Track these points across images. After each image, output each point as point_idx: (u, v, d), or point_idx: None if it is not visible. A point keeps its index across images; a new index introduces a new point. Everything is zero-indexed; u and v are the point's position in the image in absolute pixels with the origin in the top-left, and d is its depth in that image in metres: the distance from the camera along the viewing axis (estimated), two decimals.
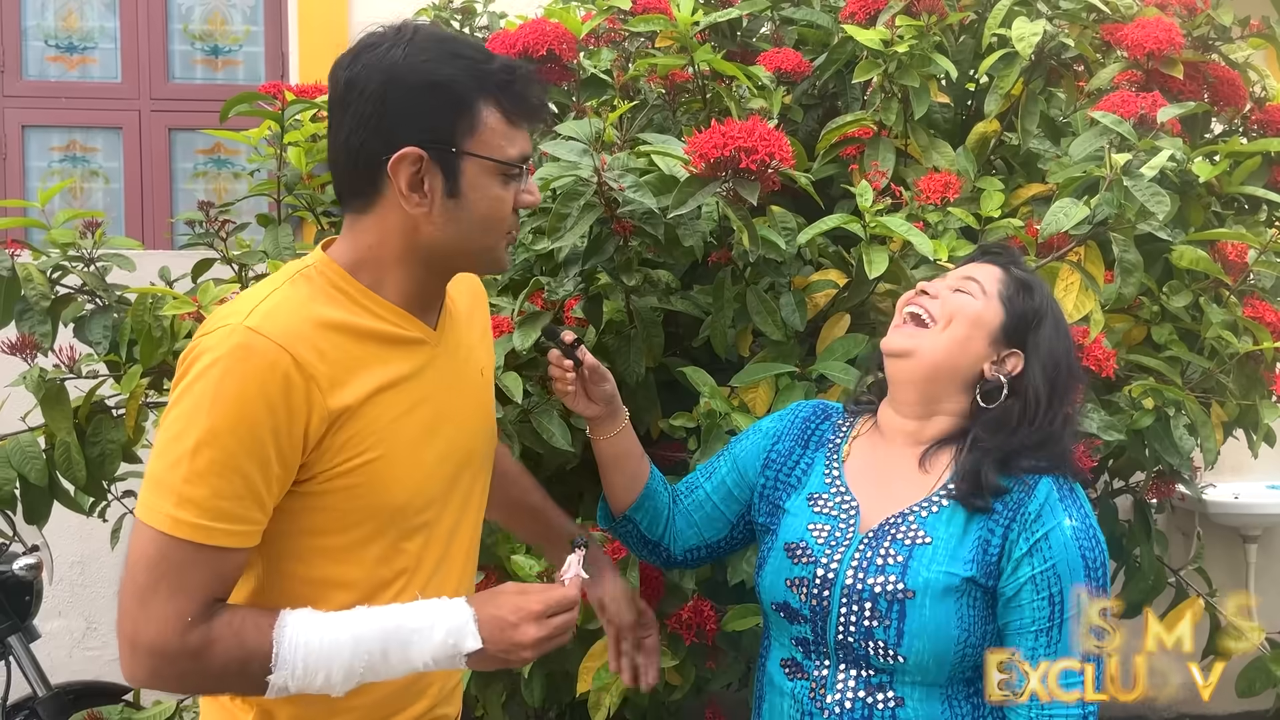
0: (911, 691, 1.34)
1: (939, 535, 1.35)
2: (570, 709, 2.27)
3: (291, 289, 1.21)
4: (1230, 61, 2.27)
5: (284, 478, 1.17)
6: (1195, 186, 2.07)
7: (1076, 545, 1.33)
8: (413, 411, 1.25)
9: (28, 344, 2.05)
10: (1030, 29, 2.04)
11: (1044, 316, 1.41)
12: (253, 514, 1.15)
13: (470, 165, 1.20)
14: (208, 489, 1.12)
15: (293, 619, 1.17)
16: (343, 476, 1.19)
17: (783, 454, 1.53)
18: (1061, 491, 1.35)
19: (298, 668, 1.15)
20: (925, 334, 1.40)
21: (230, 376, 1.12)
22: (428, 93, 1.18)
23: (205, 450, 1.11)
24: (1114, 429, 1.83)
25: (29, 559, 2.67)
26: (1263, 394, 2.08)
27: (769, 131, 1.69)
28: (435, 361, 1.30)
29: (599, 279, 2.00)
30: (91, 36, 3.87)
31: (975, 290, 1.40)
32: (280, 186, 2.34)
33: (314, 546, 1.22)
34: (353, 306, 1.23)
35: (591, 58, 2.25)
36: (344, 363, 1.19)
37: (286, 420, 1.13)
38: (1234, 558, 3.83)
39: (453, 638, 1.20)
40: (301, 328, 1.17)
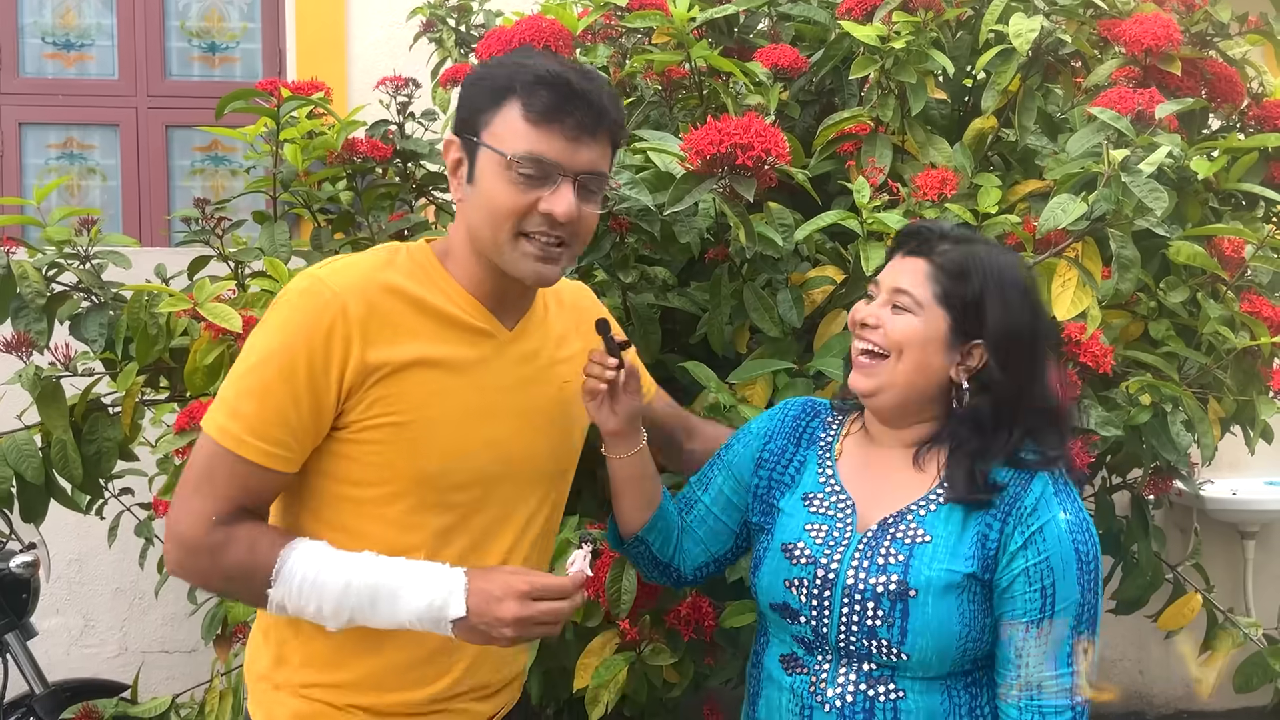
0: (912, 685, 1.35)
1: (938, 533, 1.35)
2: (568, 705, 2.27)
3: (374, 256, 1.33)
4: (1228, 58, 2.27)
5: (318, 416, 1.26)
6: (1193, 182, 2.07)
7: (1070, 539, 1.33)
8: (457, 394, 1.31)
9: (23, 341, 2.04)
10: (1028, 25, 2.04)
11: (984, 296, 1.35)
12: (286, 440, 1.26)
13: (483, 155, 1.27)
14: (253, 407, 1.25)
15: (301, 545, 1.27)
16: (370, 430, 1.28)
17: (775, 452, 1.52)
18: (1057, 486, 1.36)
19: (292, 590, 1.25)
20: (883, 368, 1.37)
21: (286, 315, 1.27)
22: (472, 87, 1.30)
23: (255, 373, 1.26)
24: (1111, 425, 1.83)
25: (26, 556, 2.67)
26: (1260, 390, 2.08)
27: (765, 128, 1.69)
28: (501, 358, 1.35)
29: (595, 276, 2.00)
30: (88, 34, 3.86)
31: (911, 304, 1.36)
32: (276, 183, 2.33)
33: (338, 494, 1.31)
34: (426, 283, 1.32)
35: (588, 54, 2.24)
36: (394, 326, 1.28)
37: (323, 361, 1.24)
38: (1231, 554, 3.84)
39: (440, 599, 1.25)
40: (362, 284, 1.28)
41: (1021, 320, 1.37)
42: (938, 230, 1.41)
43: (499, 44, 2.14)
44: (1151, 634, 3.73)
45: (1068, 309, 1.75)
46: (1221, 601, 2.60)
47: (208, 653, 2.49)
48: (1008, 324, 1.36)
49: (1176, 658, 3.88)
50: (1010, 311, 1.36)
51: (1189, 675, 3.89)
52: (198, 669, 3.24)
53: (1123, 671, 3.94)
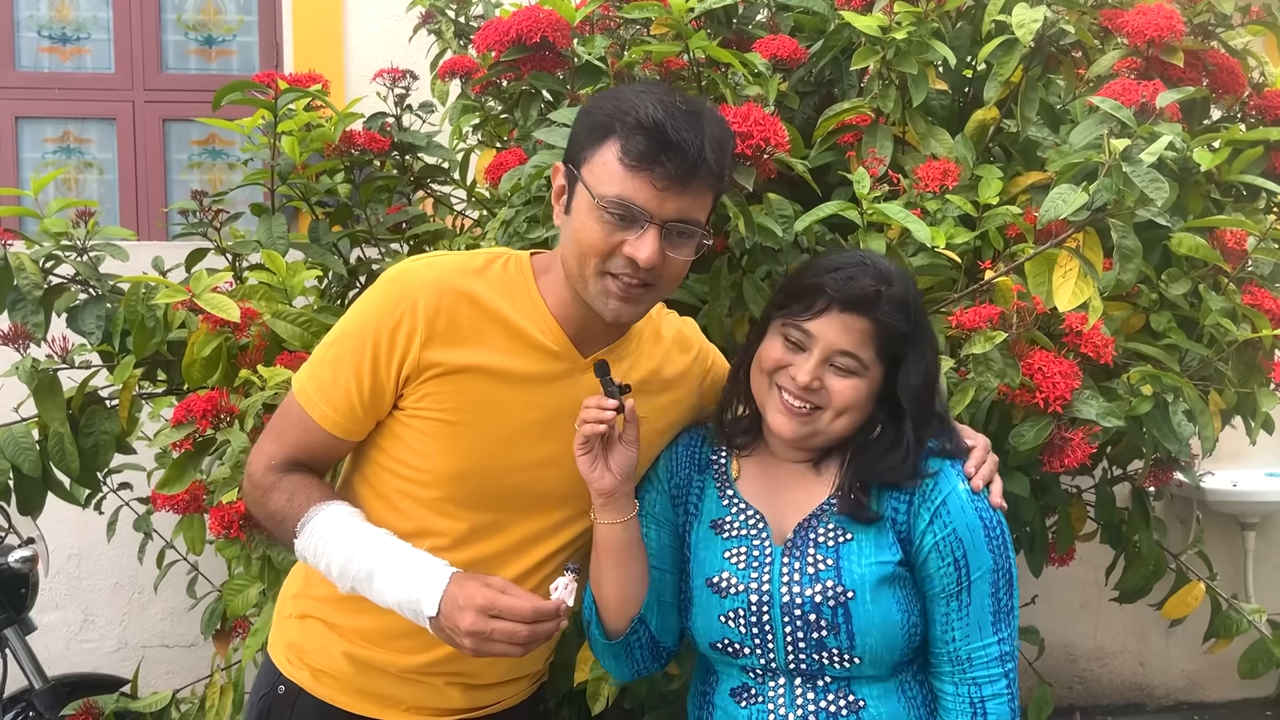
0: (870, 690, 1.35)
1: (857, 529, 1.36)
2: (568, 698, 2.27)
3: (467, 259, 1.40)
4: (1230, 48, 2.26)
5: (378, 397, 1.37)
6: (1194, 174, 2.06)
7: (973, 508, 1.34)
8: (510, 407, 1.36)
9: (20, 334, 2.04)
10: (1030, 15, 2.03)
11: (908, 348, 1.36)
12: (346, 408, 1.37)
13: (580, 190, 1.32)
14: (326, 372, 1.38)
15: (328, 509, 1.37)
16: (418, 420, 1.37)
17: (681, 484, 1.48)
18: (953, 461, 1.37)
19: (310, 545, 1.35)
20: (821, 419, 1.36)
21: (373, 297, 1.37)
22: (586, 119, 1.34)
23: (335, 345, 1.39)
24: (1112, 416, 1.83)
25: (25, 551, 2.67)
26: (1261, 381, 2.07)
27: (765, 117, 1.68)
28: (570, 383, 1.38)
29: None
30: (84, 27, 3.85)
31: (855, 367, 1.35)
32: (274, 176, 2.32)
33: (387, 466, 1.41)
34: (509, 297, 1.38)
35: (585, 45, 2.23)
36: (461, 330, 1.34)
37: (388, 350, 1.34)
38: (1232, 545, 3.84)
39: (418, 593, 1.28)
40: (441, 285, 1.35)
41: (928, 355, 1.39)
42: (878, 281, 1.34)
43: (496, 35, 2.13)
44: (1152, 625, 3.74)
45: (1069, 300, 1.74)
46: (1222, 592, 2.59)
47: (208, 647, 2.49)
48: (923, 365, 1.37)
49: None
50: (924, 351, 1.38)
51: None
52: (198, 664, 3.24)
53: (1123, 663, 3.95)
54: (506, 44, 2.14)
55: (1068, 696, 3.89)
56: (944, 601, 1.34)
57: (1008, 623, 1.36)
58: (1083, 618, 3.84)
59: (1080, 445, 1.81)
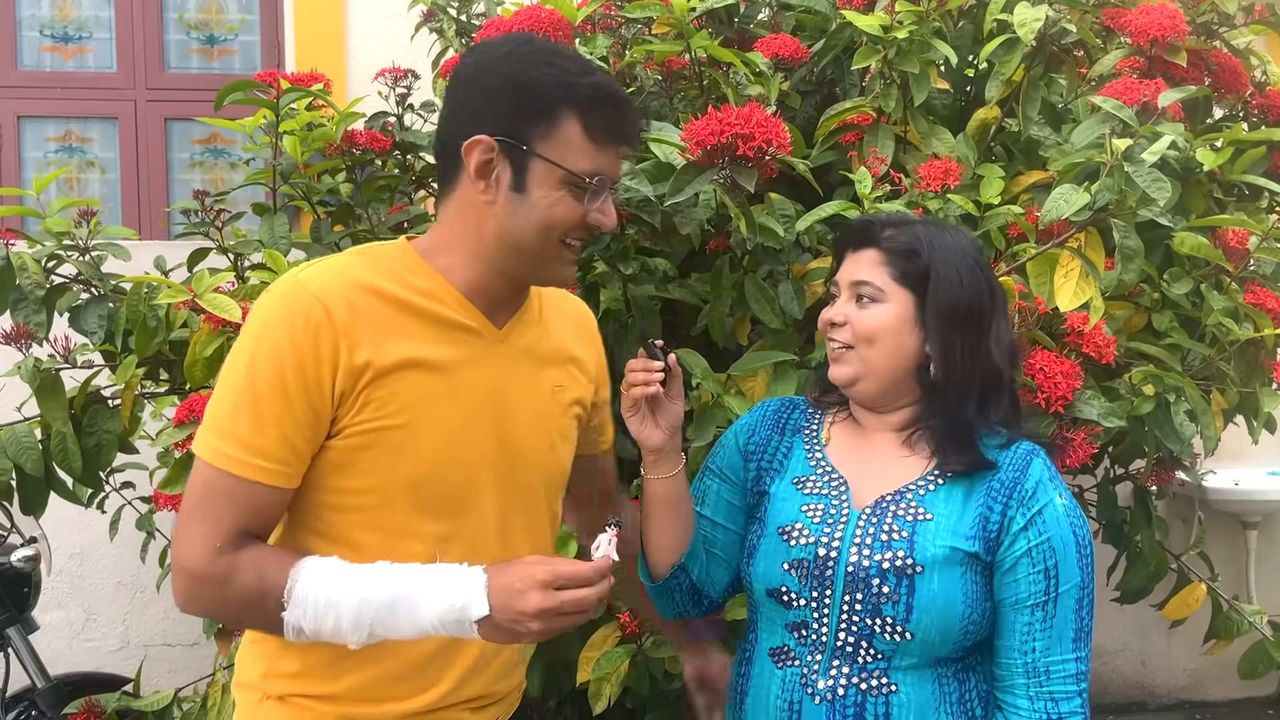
0: (905, 677, 1.34)
1: (939, 511, 1.35)
2: (570, 698, 2.27)
3: (350, 258, 1.30)
4: (1232, 48, 2.26)
5: (315, 425, 1.23)
6: (1197, 173, 2.06)
7: (1068, 522, 1.34)
8: (449, 397, 1.28)
9: (22, 333, 2.04)
10: (1032, 14, 2.03)
11: (931, 268, 1.38)
12: (284, 454, 1.22)
13: (539, 166, 1.25)
14: (246, 424, 1.21)
15: (311, 562, 1.23)
16: (363, 436, 1.24)
17: (760, 444, 1.50)
18: (1051, 473, 1.38)
19: (308, 609, 1.20)
20: (857, 356, 1.39)
21: (270, 323, 1.22)
22: (513, 88, 1.25)
23: (244, 389, 1.21)
24: (1114, 415, 1.83)
25: (27, 550, 2.67)
26: (1263, 381, 2.07)
27: (766, 118, 1.68)
28: (491, 357, 1.32)
29: (596, 267, 1.99)
30: (86, 26, 3.85)
31: (874, 293, 1.38)
32: (276, 175, 2.32)
33: (333, 505, 1.27)
34: (412, 281, 1.28)
35: (587, 44, 2.23)
36: (379, 326, 1.24)
37: (314, 366, 1.21)
38: (1234, 544, 3.84)
39: (461, 600, 1.20)
40: (341, 286, 1.24)
41: (966, 289, 1.38)
42: (879, 220, 1.43)
43: (497, 33, 2.13)
44: (1153, 624, 3.74)
45: (1070, 300, 1.74)
46: (1224, 592, 2.59)
47: (210, 646, 2.49)
48: (946, 290, 1.37)
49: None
50: (954, 280, 1.38)
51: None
52: (200, 663, 3.25)
53: (1124, 662, 3.94)
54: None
55: None
56: (1028, 611, 1.33)
57: (1086, 645, 1.34)
58: None
59: (1082, 445, 1.81)
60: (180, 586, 1.23)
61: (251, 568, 1.21)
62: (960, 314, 1.38)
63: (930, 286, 1.37)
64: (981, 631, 1.36)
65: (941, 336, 1.37)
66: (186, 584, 1.22)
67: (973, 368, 1.38)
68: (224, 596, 1.21)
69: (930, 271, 1.37)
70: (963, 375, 1.38)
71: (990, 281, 1.42)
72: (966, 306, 1.38)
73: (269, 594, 1.20)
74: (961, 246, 1.41)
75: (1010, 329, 1.47)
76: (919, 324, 1.38)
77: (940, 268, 1.37)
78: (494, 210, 1.27)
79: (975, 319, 1.38)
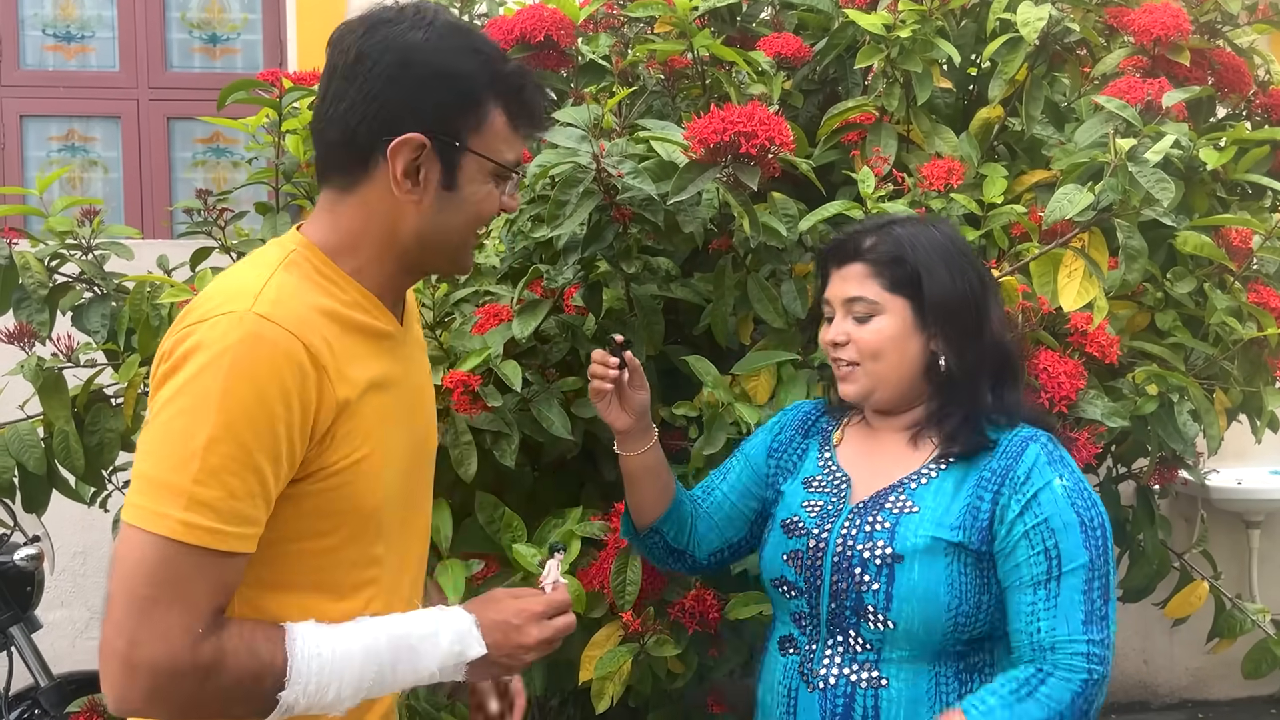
0: (898, 671, 1.35)
1: (926, 504, 1.38)
2: (573, 697, 2.27)
3: (286, 275, 1.14)
4: (1236, 47, 2.25)
5: (289, 475, 1.09)
6: (1200, 172, 2.06)
7: (1069, 502, 1.33)
8: (393, 409, 1.20)
9: (25, 332, 2.04)
10: (1035, 13, 2.02)
11: (919, 270, 1.38)
12: (261, 515, 1.07)
13: (470, 161, 1.17)
14: (223, 490, 1.03)
15: (301, 630, 1.10)
16: (334, 475, 1.13)
17: (784, 442, 1.58)
18: (1050, 455, 1.37)
19: (310, 682, 1.08)
20: (865, 372, 1.42)
21: (244, 367, 1.04)
22: (442, 82, 1.14)
23: (219, 446, 1.03)
24: (1117, 415, 1.82)
25: (30, 549, 2.67)
26: (1267, 380, 2.07)
27: (769, 116, 1.68)
28: (405, 359, 1.26)
29: (598, 266, 1.99)
30: (89, 25, 3.85)
31: (869, 308, 1.40)
32: (278, 174, 2.32)
33: (288, 551, 1.13)
34: (341, 295, 1.17)
35: (589, 43, 2.23)
36: (343, 354, 1.13)
37: (301, 413, 1.07)
38: (1237, 543, 3.83)
39: (459, 644, 1.17)
40: (308, 315, 1.11)
41: (958, 283, 1.40)
42: (857, 231, 1.45)
43: (500, 33, 2.13)
44: (1156, 623, 3.72)
45: (1074, 299, 1.74)
46: (1227, 591, 2.59)
47: None
48: (938, 286, 1.39)
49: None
50: (944, 277, 1.39)
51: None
52: None
53: (1127, 661, 3.94)
54: (510, 42, 2.13)
55: None
56: (1031, 590, 1.32)
57: (1101, 628, 1.31)
58: None
59: (1085, 444, 1.81)
60: (142, 684, 1.02)
61: (242, 649, 1.05)
62: (958, 309, 1.39)
63: (924, 289, 1.38)
64: (979, 626, 1.36)
65: (946, 334, 1.39)
66: (157, 682, 1.02)
67: (982, 356, 1.40)
68: (207, 689, 1.04)
69: (920, 274, 1.38)
70: (976, 366, 1.40)
71: (978, 268, 1.44)
72: (962, 300, 1.39)
73: (265, 673, 1.06)
74: (943, 240, 1.42)
75: (1003, 308, 1.49)
76: (920, 328, 1.40)
77: (929, 268, 1.39)
78: (418, 209, 1.16)
79: (973, 309, 1.40)
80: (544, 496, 2.07)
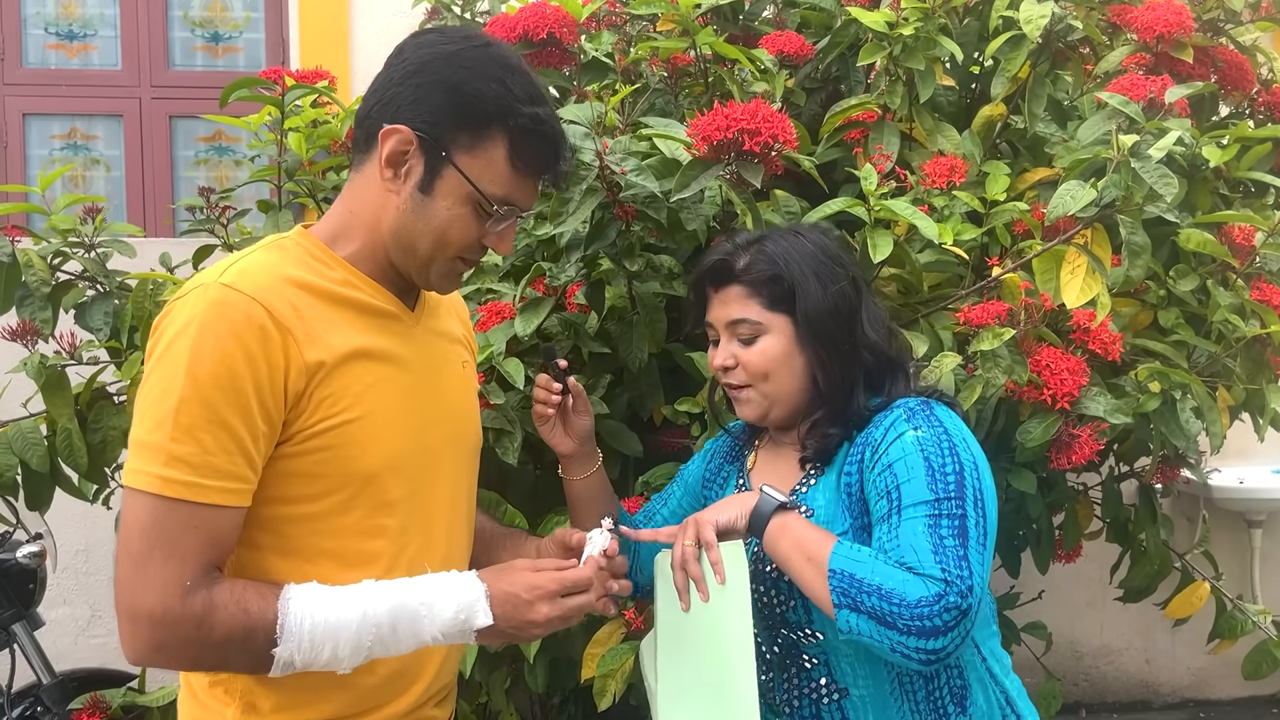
0: (854, 678, 1.34)
1: (817, 504, 1.36)
2: (574, 694, 2.27)
3: (264, 254, 1.23)
4: (1238, 44, 2.25)
5: (269, 434, 1.15)
6: (1203, 169, 2.05)
7: (918, 449, 1.28)
8: (391, 381, 1.25)
9: (28, 330, 2.04)
10: (1038, 10, 2.02)
11: (794, 286, 1.37)
12: (242, 470, 1.14)
13: (451, 175, 1.21)
14: (196, 445, 1.11)
15: (297, 591, 1.15)
16: (318, 437, 1.18)
17: (714, 471, 1.57)
18: (911, 413, 1.33)
19: (304, 640, 1.13)
20: (757, 393, 1.40)
21: (207, 331, 1.12)
22: (450, 93, 1.20)
23: (189, 406, 1.11)
24: (1120, 413, 1.82)
25: (33, 547, 2.67)
26: (1269, 378, 2.07)
27: (772, 113, 1.68)
28: (414, 339, 1.31)
29: (601, 264, 1.99)
30: (91, 24, 3.85)
31: (751, 329, 1.39)
32: (281, 173, 2.33)
33: (286, 516, 1.19)
34: (327, 273, 1.24)
35: (592, 41, 2.23)
36: (318, 321, 1.19)
37: (267, 371, 1.14)
38: (1239, 542, 3.83)
39: (464, 614, 1.19)
40: (274, 284, 1.18)
41: (829, 293, 1.38)
42: (728, 251, 1.42)
43: (502, 30, 2.13)
44: (1157, 623, 3.73)
45: (1077, 296, 1.74)
46: (1228, 590, 2.59)
47: None
48: (818, 302, 1.37)
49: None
50: (816, 290, 1.37)
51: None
52: None
53: (1128, 660, 3.94)
54: (513, 40, 2.14)
55: (1074, 693, 3.89)
56: (877, 526, 1.28)
57: (958, 563, 1.20)
58: (1089, 615, 3.84)
59: (1087, 442, 1.81)
60: (145, 635, 1.10)
61: (232, 603, 1.12)
62: (829, 320, 1.38)
63: (798, 305, 1.37)
64: None
65: (818, 345, 1.37)
66: (156, 632, 1.10)
67: (854, 358, 1.38)
68: (204, 638, 1.11)
69: (795, 290, 1.37)
70: (844, 370, 1.38)
71: (849, 270, 1.41)
72: (834, 311, 1.38)
73: (257, 629, 1.12)
74: (813, 250, 1.40)
75: (875, 301, 1.45)
76: (801, 342, 1.38)
77: (802, 282, 1.37)
78: (395, 201, 1.23)
79: (846, 316, 1.39)
80: (546, 494, 2.07)
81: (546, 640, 1.91)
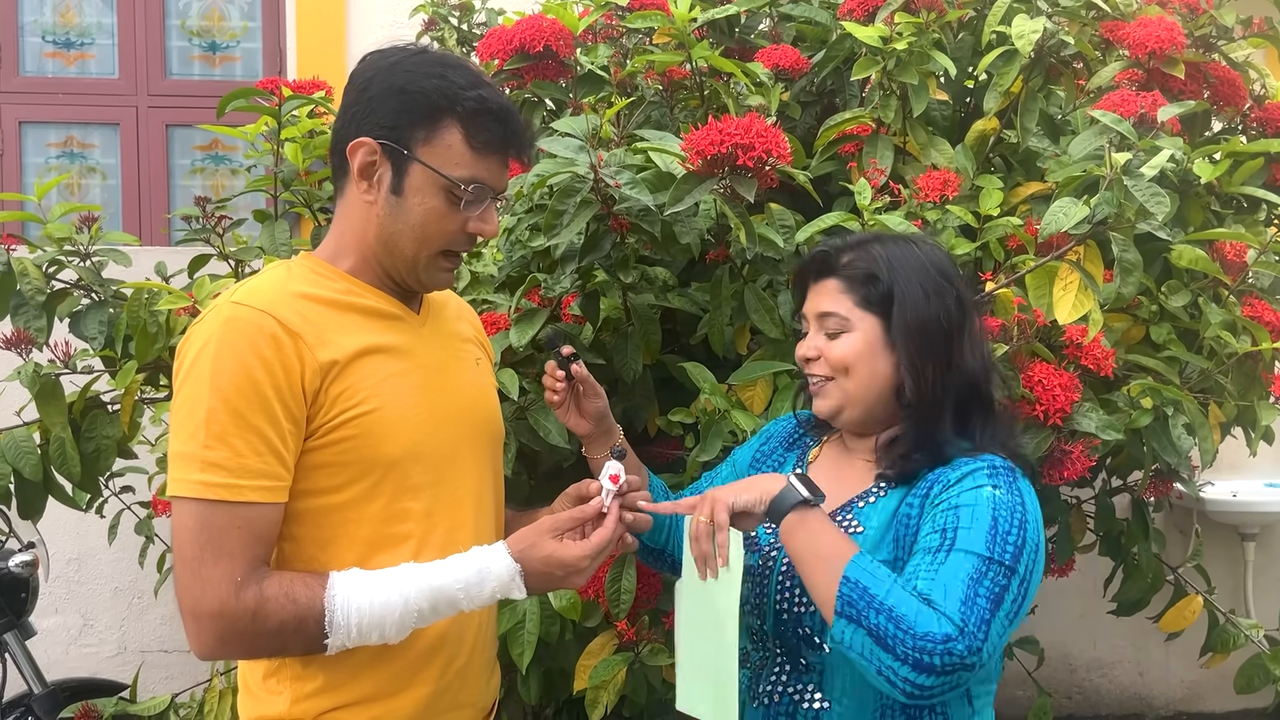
0: (840, 696, 1.33)
1: (870, 524, 1.35)
2: (567, 706, 2.27)
3: (270, 274, 1.33)
4: (1230, 61, 2.27)
5: (296, 433, 1.24)
6: (1195, 186, 2.07)
7: (990, 506, 1.26)
8: (405, 375, 1.33)
9: (23, 338, 2.04)
10: (1030, 26, 2.03)
11: (892, 289, 1.36)
12: (275, 468, 1.23)
13: (417, 171, 1.29)
14: (228, 450, 1.20)
15: (341, 582, 1.24)
16: (339, 429, 1.26)
17: (767, 453, 1.56)
18: (994, 471, 1.31)
19: (352, 631, 1.23)
20: (836, 388, 1.39)
21: (225, 346, 1.22)
22: (397, 96, 1.29)
23: (218, 415, 1.20)
24: (1112, 428, 1.83)
25: (25, 555, 2.67)
26: (1261, 394, 2.07)
27: (766, 128, 1.68)
28: (422, 338, 1.38)
29: (596, 276, 1.99)
30: (89, 32, 3.86)
31: (840, 324, 1.38)
32: (277, 182, 2.33)
33: (316, 507, 1.28)
34: (331, 284, 1.33)
35: (588, 54, 2.24)
36: (326, 325, 1.28)
37: (284, 374, 1.23)
38: (1232, 556, 3.84)
39: (500, 592, 1.28)
40: (282, 297, 1.28)
41: (930, 306, 1.36)
42: (835, 247, 1.43)
43: (500, 43, 2.14)
44: (1150, 635, 3.73)
45: (1069, 312, 1.74)
46: (1221, 603, 2.59)
47: None
48: (916, 311, 1.35)
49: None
50: (917, 298, 1.36)
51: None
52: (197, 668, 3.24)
53: (1122, 673, 3.94)
54: (510, 53, 2.15)
55: (1067, 706, 3.89)
56: (920, 555, 1.25)
57: (979, 623, 1.17)
58: (1082, 628, 3.84)
59: (1080, 457, 1.82)
60: (209, 631, 1.20)
61: (281, 595, 1.21)
62: (927, 331, 1.36)
63: (894, 308, 1.36)
64: None
65: (910, 356, 1.36)
66: (218, 628, 1.19)
67: (944, 383, 1.36)
68: (260, 629, 1.20)
69: (893, 293, 1.36)
70: (935, 392, 1.35)
71: (958, 292, 1.39)
72: (933, 323, 1.36)
73: (307, 618, 1.21)
74: (924, 261, 1.39)
75: (986, 339, 1.44)
76: (889, 347, 1.37)
77: (902, 288, 1.36)
78: (375, 211, 1.31)
79: (943, 334, 1.36)
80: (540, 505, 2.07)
81: (540, 652, 1.91)
